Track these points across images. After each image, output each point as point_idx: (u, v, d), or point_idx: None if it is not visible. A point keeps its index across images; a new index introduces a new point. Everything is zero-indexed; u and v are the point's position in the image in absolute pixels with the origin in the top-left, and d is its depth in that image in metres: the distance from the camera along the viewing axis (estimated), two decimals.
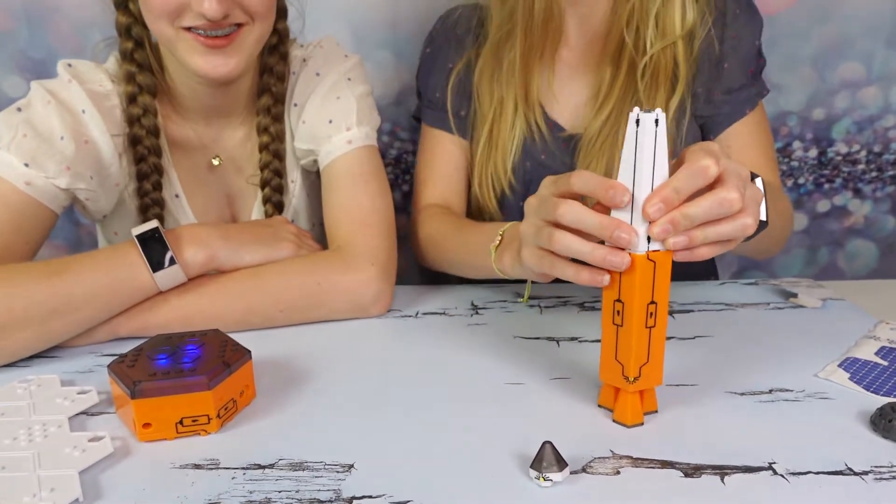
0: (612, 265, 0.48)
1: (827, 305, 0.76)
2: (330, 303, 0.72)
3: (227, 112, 0.82)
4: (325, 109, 0.81)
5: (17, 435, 0.51)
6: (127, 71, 0.75)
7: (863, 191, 1.26)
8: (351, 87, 0.82)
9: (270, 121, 0.82)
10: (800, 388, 0.58)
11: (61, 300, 0.62)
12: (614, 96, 0.80)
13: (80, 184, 0.72)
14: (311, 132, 0.82)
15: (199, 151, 0.83)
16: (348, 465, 0.49)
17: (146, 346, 0.56)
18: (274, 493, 0.46)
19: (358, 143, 0.80)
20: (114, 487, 0.47)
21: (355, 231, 0.76)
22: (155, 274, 0.65)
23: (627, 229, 0.47)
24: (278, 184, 0.84)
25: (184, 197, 0.82)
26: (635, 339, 0.50)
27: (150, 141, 0.77)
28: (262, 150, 0.83)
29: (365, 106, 0.82)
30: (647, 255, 0.48)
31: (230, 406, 0.54)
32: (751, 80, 0.82)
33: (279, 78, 0.81)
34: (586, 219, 0.48)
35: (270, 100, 0.81)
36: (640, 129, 0.46)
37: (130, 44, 0.75)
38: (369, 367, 0.64)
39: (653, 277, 0.49)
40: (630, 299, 0.49)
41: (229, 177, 0.85)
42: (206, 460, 0.50)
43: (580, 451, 0.50)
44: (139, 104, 0.76)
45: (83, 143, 0.72)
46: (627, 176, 0.47)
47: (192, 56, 0.69)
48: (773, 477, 0.46)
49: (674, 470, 0.47)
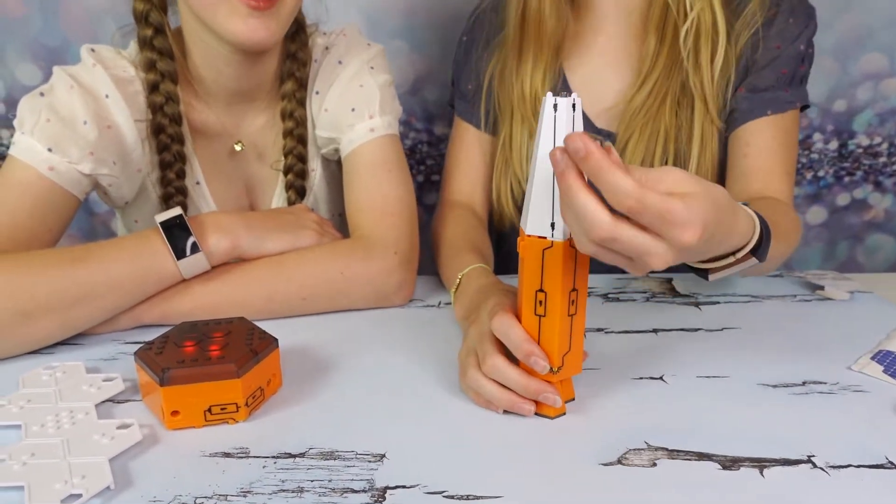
0: (520, 411, 0.52)
1: (854, 298, 0.76)
2: (352, 292, 0.72)
3: (251, 97, 0.81)
4: (347, 97, 0.80)
5: (45, 422, 0.51)
6: (147, 58, 0.74)
7: (883, 184, 1.25)
8: (374, 75, 0.81)
9: (295, 105, 0.81)
10: (833, 381, 0.57)
11: (84, 288, 0.62)
12: (659, 66, 0.78)
13: (103, 169, 0.71)
14: (333, 120, 0.81)
15: (220, 138, 0.82)
16: (380, 454, 0.48)
17: (173, 334, 0.56)
18: (306, 483, 0.45)
19: (381, 131, 0.79)
20: (144, 475, 0.46)
21: (378, 220, 0.75)
22: (179, 261, 0.65)
23: (549, 390, 0.51)
24: (301, 169, 0.84)
25: (205, 184, 0.82)
26: (558, 329, 0.49)
27: (174, 129, 0.76)
28: (287, 135, 0.82)
29: (387, 95, 0.82)
30: (569, 241, 0.47)
31: (258, 394, 0.54)
32: (783, 83, 0.78)
33: (302, 63, 0.81)
34: (511, 378, 0.51)
35: (295, 85, 0.80)
36: (557, 113, 0.45)
37: (149, 31, 0.74)
38: (394, 356, 0.63)
39: (574, 264, 0.48)
40: (553, 288, 0.48)
41: (250, 164, 0.85)
42: (235, 449, 0.49)
43: (614, 443, 0.49)
44: (161, 92, 0.75)
45: (106, 128, 0.71)
46: (543, 160, 0.46)
47: (233, 20, 0.67)
48: (812, 470, 0.46)
49: (711, 462, 0.47)
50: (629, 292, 0.77)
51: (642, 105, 0.79)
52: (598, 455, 0.48)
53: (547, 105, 0.45)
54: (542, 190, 0.46)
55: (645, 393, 0.56)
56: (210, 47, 0.73)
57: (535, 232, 0.47)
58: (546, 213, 0.47)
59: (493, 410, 0.53)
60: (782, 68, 0.77)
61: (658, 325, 0.68)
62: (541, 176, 0.46)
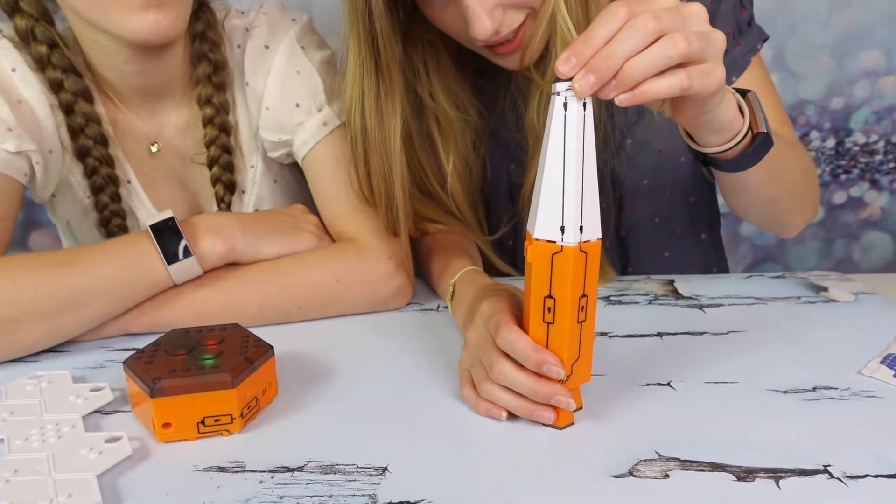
0: (539, 419, 0.50)
1: (859, 299, 0.74)
2: (349, 299, 0.70)
3: (163, 92, 0.74)
4: (287, 91, 0.73)
5: (29, 435, 0.49)
6: (52, 79, 0.68)
7: (880, 182, 1.24)
8: (308, 55, 0.74)
9: (212, 90, 0.73)
10: (844, 386, 0.56)
11: (71, 293, 0.59)
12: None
13: (29, 145, 0.65)
14: (278, 120, 0.75)
15: (144, 138, 0.76)
16: (381, 467, 0.46)
17: (164, 342, 0.54)
18: (306, 499, 0.43)
19: (334, 123, 0.73)
20: (134, 491, 0.44)
21: (362, 222, 0.72)
22: (169, 266, 0.62)
23: (561, 392, 0.49)
24: (228, 161, 0.76)
25: (137, 184, 0.76)
26: (568, 336, 0.47)
27: (100, 151, 0.70)
28: (207, 123, 0.74)
29: (330, 76, 0.74)
30: (580, 245, 0.45)
31: (253, 405, 0.52)
32: (732, 41, 0.73)
33: (213, 44, 0.73)
34: (520, 382, 0.49)
35: (209, 67, 0.73)
36: (567, 112, 0.43)
37: (43, 48, 0.67)
38: (393, 362, 0.61)
39: (584, 269, 0.46)
40: (562, 294, 0.46)
41: (175, 164, 0.78)
42: (230, 462, 0.47)
43: (624, 453, 0.47)
44: (78, 113, 0.69)
45: (16, 103, 0.65)
46: (552, 161, 0.44)
47: (128, 16, 0.60)
48: (830, 480, 0.44)
49: (725, 473, 0.45)
50: (631, 295, 0.76)
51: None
52: (609, 467, 0.46)
53: (557, 103, 0.43)
54: (551, 192, 0.45)
55: (653, 400, 0.54)
56: (105, 47, 0.67)
57: (543, 236, 0.46)
58: (555, 216, 0.45)
59: (496, 419, 0.52)
60: (725, 28, 0.73)
61: (662, 329, 0.67)
62: (549, 177, 0.44)
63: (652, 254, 0.87)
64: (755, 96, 0.57)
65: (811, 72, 1.20)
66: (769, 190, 0.66)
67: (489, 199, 0.85)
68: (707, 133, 0.55)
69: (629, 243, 0.86)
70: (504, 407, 0.51)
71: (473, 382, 0.53)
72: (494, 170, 0.83)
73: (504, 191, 0.84)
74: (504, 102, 0.79)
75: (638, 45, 0.42)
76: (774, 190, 0.67)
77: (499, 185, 0.84)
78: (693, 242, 0.89)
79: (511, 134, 0.80)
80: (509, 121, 0.79)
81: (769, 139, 0.57)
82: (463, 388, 0.54)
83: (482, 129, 0.81)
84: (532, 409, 0.50)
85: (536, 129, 0.72)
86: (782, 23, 0.83)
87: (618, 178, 0.81)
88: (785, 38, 0.83)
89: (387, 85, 0.66)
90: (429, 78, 0.75)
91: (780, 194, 0.68)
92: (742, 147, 0.57)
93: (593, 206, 0.46)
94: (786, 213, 0.74)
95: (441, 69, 0.76)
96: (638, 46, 0.42)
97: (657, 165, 0.80)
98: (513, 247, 0.87)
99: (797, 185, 0.71)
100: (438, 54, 0.75)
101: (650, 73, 0.43)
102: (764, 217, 0.75)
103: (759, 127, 0.56)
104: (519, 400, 0.50)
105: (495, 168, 0.83)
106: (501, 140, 0.81)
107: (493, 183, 0.84)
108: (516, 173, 0.82)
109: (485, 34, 0.62)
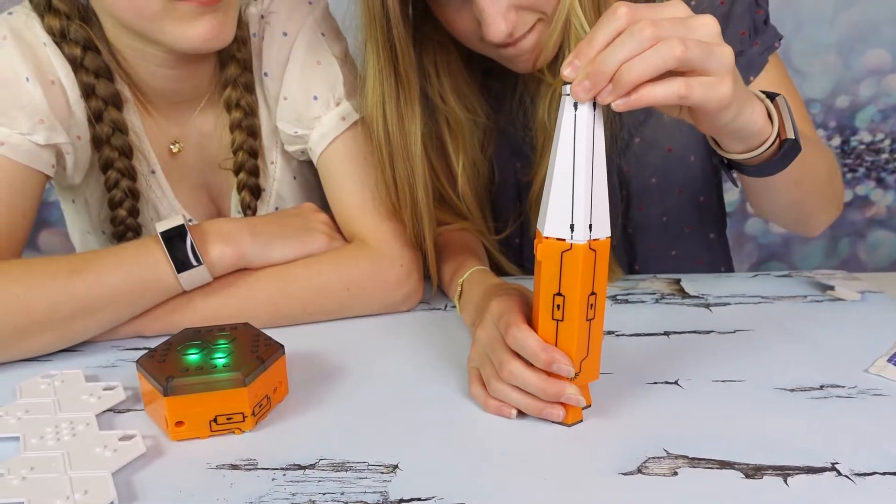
0: (550, 416, 0.51)
1: (865, 298, 0.75)
2: (359, 305, 0.70)
3: (190, 96, 0.73)
4: (306, 82, 0.71)
5: (44, 433, 0.49)
6: (84, 84, 0.66)
7: (886, 180, 1.24)
8: (329, 44, 0.72)
9: (241, 93, 0.71)
10: (851, 385, 0.56)
11: (82, 301, 0.59)
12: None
13: (60, 137, 0.65)
14: (295, 112, 0.72)
15: (166, 140, 0.75)
16: (392, 465, 0.47)
17: (175, 341, 0.54)
18: (318, 496, 0.44)
19: (353, 118, 0.72)
20: (148, 489, 0.45)
21: (376, 225, 0.71)
22: (179, 274, 0.62)
23: (571, 389, 0.49)
24: (253, 165, 0.75)
25: (161, 174, 0.76)
26: (577, 334, 0.48)
27: (123, 163, 0.70)
28: (235, 128, 0.73)
29: (348, 68, 0.73)
30: (589, 244, 0.46)
31: (264, 403, 0.52)
32: (748, 41, 0.73)
33: (241, 42, 0.70)
34: (530, 382, 0.50)
35: (238, 69, 0.71)
36: (577, 112, 0.44)
37: (77, 49, 0.65)
38: (402, 361, 0.62)
39: (593, 267, 0.47)
40: (571, 292, 0.47)
41: (199, 165, 0.77)
42: (243, 460, 0.48)
43: (633, 451, 0.48)
44: (106, 121, 0.68)
45: (50, 84, 0.64)
46: (562, 159, 0.45)
47: (184, 26, 0.60)
48: (837, 478, 0.45)
49: (733, 470, 0.46)
50: (638, 294, 0.76)
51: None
52: (618, 464, 0.46)
53: (567, 103, 0.43)
54: (561, 190, 0.45)
55: (660, 398, 0.55)
56: (138, 51, 0.66)
57: (553, 234, 0.46)
58: (565, 214, 0.45)
59: (505, 416, 0.52)
60: (740, 29, 0.73)
61: (669, 328, 0.67)
62: (559, 175, 0.45)
63: (659, 252, 0.87)
64: (784, 101, 0.55)
65: (817, 70, 1.20)
66: (795, 192, 0.66)
67: (495, 199, 0.86)
68: (733, 141, 0.54)
69: (636, 240, 0.86)
70: (514, 405, 0.52)
71: (482, 380, 0.54)
72: (501, 168, 0.84)
73: (511, 189, 0.84)
74: (512, 101, 0.79)
75: (634, 51, 0.43)
76: (800, 192, 0.67)
77: (505, 184, 0.84)
78: (701, 242, 0.89)
79: (518, 132, 0.80)
80: (516, 119, 0.79)
81: (797, 145, 0.55)
82: (472, 385, 0.55)
83: (489, 130, 0.81)
84: (542, 407, 0.50)
85: (547, 127, 0.73)
86: (788, 22, 0.83)
87: (624, 176, 0.81)
88: (790, 36, 0.83)
89: (406, 90, 0.66)
90: (439, 80, 0.76)
91: (806, 196, 0.68)
92: (769, 154, 0.56)
93: (603, 204, 0.46)
94: (811, 214, 0.74)
95: (451, 71, 0.76)
96: (634, 52, 0.43)
97: (665, 164, 0.80)
98: (519, 245, 0.88)
99: (823, 184, 0.70)
100: (449, 56, 0.76)
101: (645, 77, 0.43)
102: (789, 218, 0.75)
103: (787, 133, 0.55)
104: (529, 399, 0.51)
105: (502, 167, 0.83)
106: (508, 138, 0.81)
107: (499, 182, 0.84)
108: (523, 171, 0.82)
109: (500, 36, 0.62)
